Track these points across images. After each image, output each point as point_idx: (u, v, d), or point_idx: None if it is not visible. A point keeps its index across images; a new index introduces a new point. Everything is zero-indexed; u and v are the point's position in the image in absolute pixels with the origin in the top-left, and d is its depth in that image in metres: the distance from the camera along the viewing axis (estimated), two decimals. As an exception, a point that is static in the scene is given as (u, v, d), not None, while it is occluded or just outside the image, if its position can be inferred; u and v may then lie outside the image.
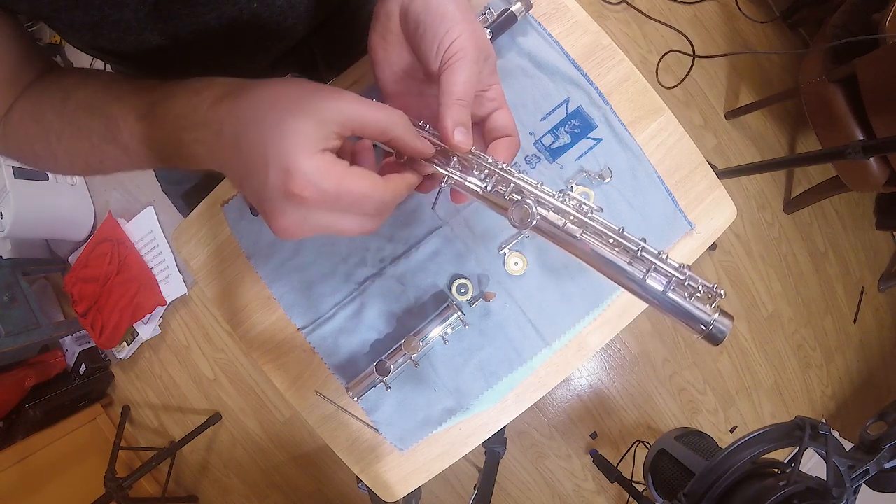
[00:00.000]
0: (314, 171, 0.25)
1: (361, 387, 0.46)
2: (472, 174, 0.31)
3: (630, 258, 0.28)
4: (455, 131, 0.30)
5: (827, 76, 1.07)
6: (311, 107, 0.25)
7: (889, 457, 0.54)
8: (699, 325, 0.26)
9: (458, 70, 0.31)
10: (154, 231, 1.45)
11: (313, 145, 0.25)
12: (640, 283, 0.28)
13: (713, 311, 0.26)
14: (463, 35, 0.31)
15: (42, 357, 1.47)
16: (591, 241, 0.29)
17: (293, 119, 0.25)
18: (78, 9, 0.33)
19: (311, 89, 0.26)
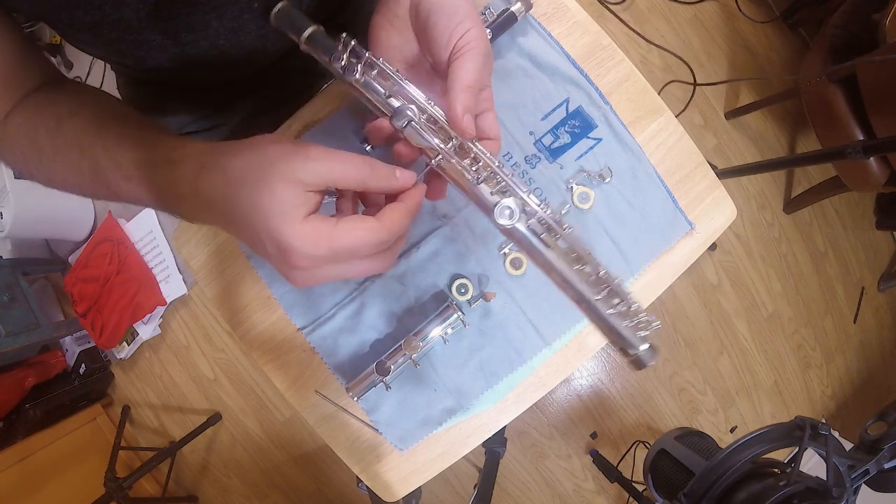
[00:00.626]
0: (303, 242, 0.26)
1: (361, 387, 0.46)
2: (465, 161, 0.31)
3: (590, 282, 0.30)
4: (465, 116, 0.31)
5: (827, 76, 1.07)
6: (285, 174, 0.26)
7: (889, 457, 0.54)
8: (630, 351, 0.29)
9: (470, 59, 0.31)
10: (154, 231, 1.45)
11: (296, 215, 0.26)
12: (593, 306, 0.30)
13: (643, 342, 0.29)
14: (475, 29, 0.32)
15: (42, 357, 1.47)
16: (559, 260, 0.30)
17: (270, 193, 0.26)
18: (78, 8, 0.33)
19: (281, 154, 0.27)
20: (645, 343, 0.28)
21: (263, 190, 0.26)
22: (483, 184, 0.31)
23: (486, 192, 0.31)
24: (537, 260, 0.30)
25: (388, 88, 0.32)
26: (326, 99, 0.51)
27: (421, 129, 0.31)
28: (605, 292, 0.29)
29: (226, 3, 0.38)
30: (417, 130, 0.31)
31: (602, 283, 0.29)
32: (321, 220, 0.27)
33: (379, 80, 0.32)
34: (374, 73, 0.32)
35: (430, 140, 0.31)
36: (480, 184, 0.31)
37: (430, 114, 0.32)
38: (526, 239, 0.30)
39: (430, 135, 0.31)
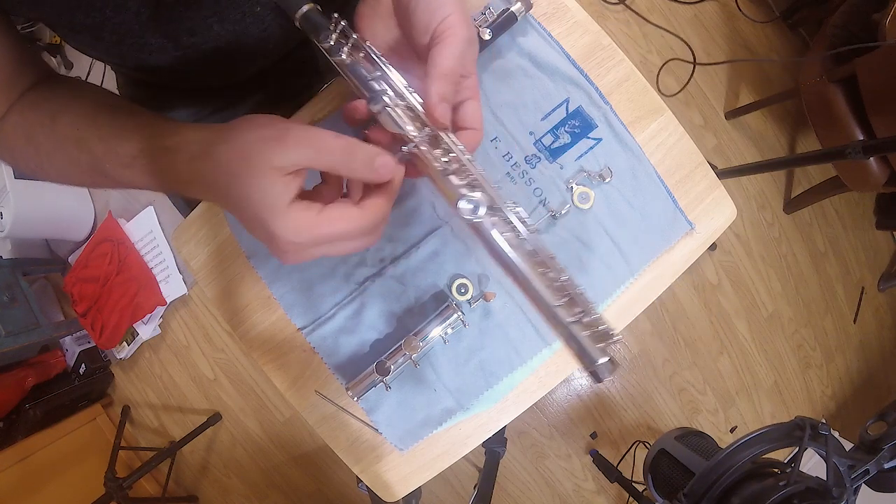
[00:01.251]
0: (289, 230, 0.28)
1: (361, 387, 0.46)
2: (437, 151, 0.31)
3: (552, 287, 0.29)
4: (439, 105, 0.30)
5: (827, 76, 1.07)
6: (263, 164, 0.27)
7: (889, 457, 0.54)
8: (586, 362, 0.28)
9: (448, 45, 0.31)
10: (154, 231, 1.45)
11: (279, 204, 0.28)
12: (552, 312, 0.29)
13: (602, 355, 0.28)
14: (455, 14, 0.32)
15: (42, 357, 1.47)
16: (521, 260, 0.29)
17: (253, 185, 0.28)
18: (78, 11, 0.33)
19: (258, 142, 0.28)
20: (604, 356, 0.27)
21: (247, 181, 0.28)
22: (452, 175, 0.30)
23: (453, 184, 0.30)
24: (499, 259, 0.30)
25: (371, 72, 0.32)
26: (326, 99, 0.51)
27: (395, 114, 0.31)
28: (565, 300, 0.29)
29: (227, 7, 0.38)
30: (391, 116, 0.31)
31: (564, 291, 0.29)
32: (305, 209, 0.28)
33: (364, 63, 0.33)
34: (360, 56, 0.33)
35: (403, 126, 0.31)
36: (449, 175, 0.30)
37: (409, 101, 0.32)
38: (488, 235, 0.30)
39: (404, 121, 0.31)
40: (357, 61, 0.33)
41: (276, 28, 0.44)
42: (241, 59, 0.45)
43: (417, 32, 0.33)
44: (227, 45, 0.42)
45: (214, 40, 0.40)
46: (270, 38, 0.45)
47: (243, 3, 0.39)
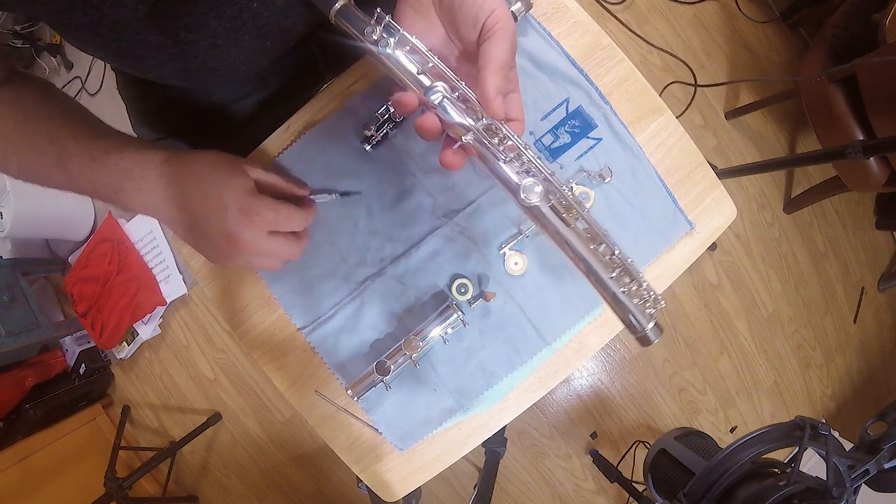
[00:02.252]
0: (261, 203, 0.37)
1: (361, 387, 0.46)
2: (494, 140, 0.32)
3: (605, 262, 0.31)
4: (497, 98, 0.31)
5: (827, 76, 1.07)
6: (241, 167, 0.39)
7: (889, 457, 0.54)
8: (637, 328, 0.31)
9: (500, 39, 0.32)
10: (154, 231, 1.45)
11: (252, 192, 0.37)
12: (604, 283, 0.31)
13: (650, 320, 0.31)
14: (501, 9, 0.32)
15: (42, 357, 1.47)
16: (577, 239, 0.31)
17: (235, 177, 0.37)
18: (76, 8, 0.33)
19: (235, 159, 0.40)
20: (651, 321, 0.30)
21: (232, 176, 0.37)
22: (507, 164, 0.31)
23: (512, 172, 0.31)
24: (557, 239, 0.31)
25: (420, 65, 0.33)
26: (326, 99, 0.51)
27: (453, 106, 0.32)
28: (617, 271, 0.30)
29: (225, 3, 0.38)
30: (450, 107, 0.32)
31: (616, 264, 0.31)
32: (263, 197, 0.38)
33: (411, 56, 0.33)
34: (406, 50, 0.33)
35: (463, 118, 0.32)
36: (507, 163, 0.31)
37: (462, 92, 0.32)
38: (548, 219, 0.31)
39: (461, 113, 0.32)
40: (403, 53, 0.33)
41: (273, 25, 0.44)
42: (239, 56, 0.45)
43: (465, 27, 0.33)
44: (226, 43, 0.42)
45: (212, 37, 0.40)
46: (269, 36, 0.45)
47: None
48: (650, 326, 0.30)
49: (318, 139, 0.50)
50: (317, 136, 0.50)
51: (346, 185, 0.50)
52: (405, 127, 0.49)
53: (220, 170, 0.37)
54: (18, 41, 1.53)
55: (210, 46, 0.41)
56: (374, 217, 0.49)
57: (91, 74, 1.58)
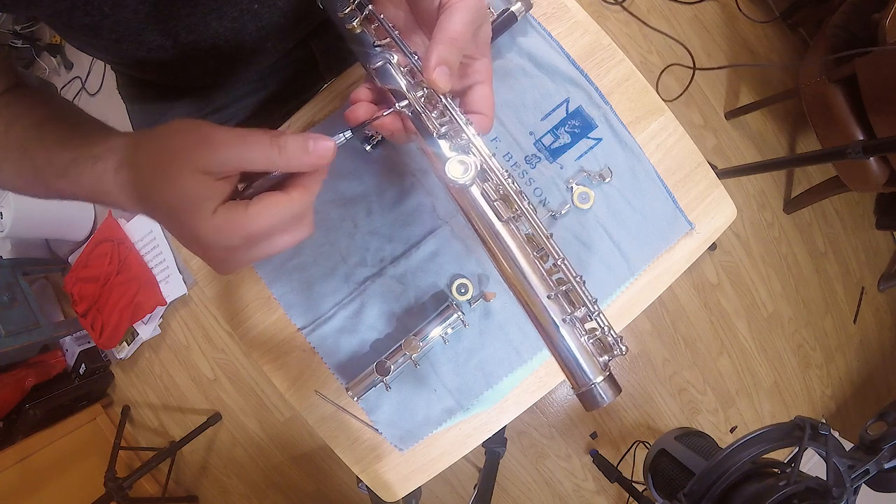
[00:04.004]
0: (215, 233, 0.26)
1: (361, 387, 0.46)
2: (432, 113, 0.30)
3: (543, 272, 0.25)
4: (437, 68, 0.28)
5: (827, 76, 1.07)
6: (189, 167, 0.25)
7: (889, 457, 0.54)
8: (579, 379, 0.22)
9: (457, 11, 0.30)
10: (154, 231, 1.45)
11: (206, 209, 0.25)
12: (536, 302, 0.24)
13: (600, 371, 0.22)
14: None
15: (42, 357, 1.47)
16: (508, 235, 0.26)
17: (177, 189, 0.25)
18: (77, 9, 0.33)
19: (183, 145, 0.26)
20: (601, 374, 0.21)
21: (170, 186, 0.25)
22: (443, 140, 0.29)
23: (444, 146, 0.28)
24: (482, 231, 0.26)
25: (380, 38, 0.32)
26: (326, 99, 0.51)
27: (392, 70, 0.30)
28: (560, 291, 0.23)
29: (225, 4, 0.38)
30: (388, 72, 0.30)
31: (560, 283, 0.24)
32: (231, 210, 0.26)
33: (374, 30, 0.32)
34: (372, 27, 0.32)
35: (399, 82, 0.30)
36: (440, 139, 0.29)
37: (413, 65, 0.31)
38: (476, 203, 0.27)
39: (401, 77, 0.30)
40: (368, 31, 0.32)
41: (273, 26, 0.44)
42: (239, 56, 0.45)
43: (427, 2, 0.31)
44: (226, 43, 0.42)
45: (213, 38, 0.40)
46: (269, 36, 0.45)
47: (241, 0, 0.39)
48: (598, 380, 0.21)
49: (318, 139, 0.50)
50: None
51: (346, 185, 0.50)
52: (405, 127, 0.49)
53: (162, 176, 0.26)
54: (18, 41, 1.53)
55: (211, 48, 0.41)
56: (374, 217, 0.49)
57: (91, 74, 1.58)
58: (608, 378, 0.21)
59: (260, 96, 0.58)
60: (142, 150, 0.28)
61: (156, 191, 0.26)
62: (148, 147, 0.27)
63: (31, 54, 1.59)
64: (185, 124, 0.27)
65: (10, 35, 1.53)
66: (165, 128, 0.27)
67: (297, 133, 0.27)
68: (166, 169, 0.26)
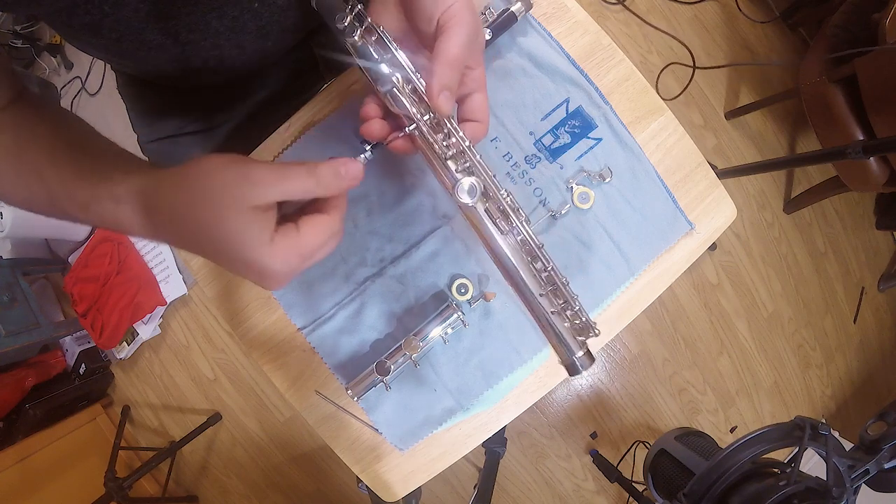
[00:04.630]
0: (278, 262, 0.28)
1: (361, 387, 0.46)
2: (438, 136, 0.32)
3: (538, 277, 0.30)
4: (441, 94, 0.30)
5: (827, 76, 1.07)
6: (238, 205, 0.27)
7: (889, 457, 0.54)
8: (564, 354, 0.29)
9: (454, 34, 0.31)
10: (154, 231, 1.44)
11: (263, 240, 0.27)
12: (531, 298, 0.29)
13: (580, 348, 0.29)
14: (459, 2, 0.32)
15: (42, 357, 1.47)
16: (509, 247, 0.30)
17: (232, 228, 0.27)
18: (78, 8, 0.33)
19: (226, 184, 0.27)
20: (581, 349, 0.28)
21: (224, 226, 0.27)
22: (450, 161, 0.31)
23: (452, 168, 0.31)
24: (488, 245, 0.30)
25: (382, 56, 0.33)
26: (326, 99, 0.51)
27: (400, 95, 0.31)
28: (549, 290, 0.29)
29: (226, 3, 0.38)
30: (397, 97, 0.32)
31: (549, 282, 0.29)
32: (286, 236, 0.29)
33: (376, 47, 0.33)
34: (372, 40, 0.33)
35: (408, 108, 0.32)
36: (448, 160, 0.31)
37: (416, 85, 0.32)
38: (479, 220, 0.30)
39: (410, 103, 0.31)
40: (369, 44, 0.33)
41: (274, 25, 0.44)
42: (239, 56, 0.45)
43: (422, 21, 0.33)
44: (226, 42, 0.42)
45: (213, 36, 0.40)
46: (269, 36, 0.45)
47: None
48: (579, 354, 0.28)
49: (318, 139, 0.50)
50: (317, 136, 0.50)
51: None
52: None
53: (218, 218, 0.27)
54: (18, 41, 1.53)
55: (211, 47, 0.41)
56: (374, 217, 0.50)
57: (91, 74, 1.58)
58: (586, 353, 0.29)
59: (260, 96, 0.58)
60: (174, 192, 0.28)
61: (204, 232, 0.27)
62: (182, 189, 0.28)
63: (31, 54, 1.59)
64: (218, 162, 0.28)
65: (10, 35, 1.53)
66: (196, 168, 0.28)
67: (327, 162, 0.30)
68: (213, 210, 0.27)
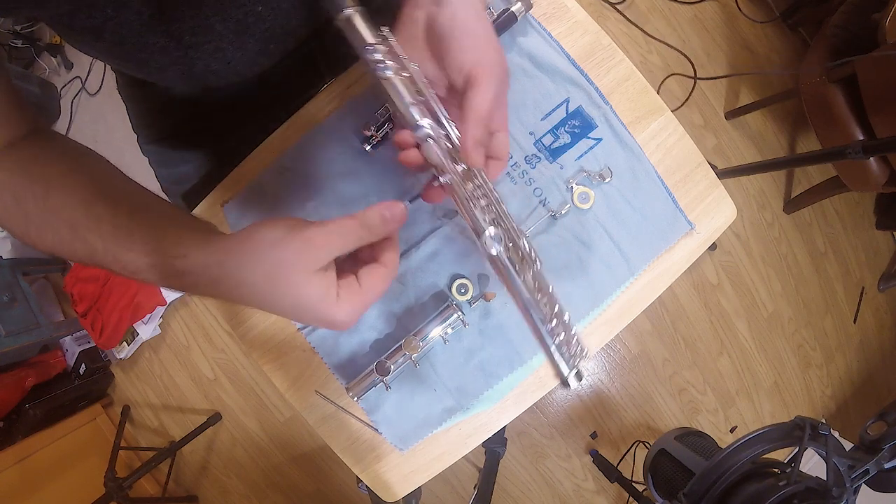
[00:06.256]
0: (346, 315, 0.31)
1: (361, 387, 0.46)
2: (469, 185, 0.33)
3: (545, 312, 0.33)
4: (474, 150, 0.32)
5: (827, 76, 1.07)
6: (306, 270, 0.29)
7: (889, 457, 0.54)
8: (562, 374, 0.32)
9: (483, 89, 0.32)
10: (154, 231, 1.44)
11: (331, 297, 0.30)
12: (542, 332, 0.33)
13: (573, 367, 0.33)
14: (488, 54, 0.33)
15: (42, 357, 1.47)
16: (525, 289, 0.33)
17: (304, 292, 0.29)
18: (79, 11, 0.33)
19: (291, 253, 0.29)
20: (574, 369, 0.32)
21: (298, 292, 0.29)
22: (479, 210, 0.33)
23: (480, 218, 0.33)
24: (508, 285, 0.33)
25: (414, 96, 0.33)
26: (326, 99, 0.51)
27: (437, 147, 0.33)
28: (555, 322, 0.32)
29: (230, 6, 0.38)
30: (434, 148, 0.33)
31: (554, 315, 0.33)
32: (351, 291, 0.31)
33: (408, 84, 0.33)
34: (404, 76, 0.33)
35: (444, 161, 0.33)
36: (477, 209, 0.33)
37: (448, 132, 0.33)
38: (505, 267, 0.33)
39: (443, 155, 0.33)
40: (402, 82, 0.33)
41: (277, 28, 0.44)
42: (241, 58, 0.45)
43: (451, 70, 0.33)
44: (229, 45, 0.42)
45: (216, 39, 0.40)
46: (272, 39, 0.45)
47: (245, 2, 0.39)
48: (572, 373, 0.32)
49: (318, 139, 0.50)
50: (317, 136, 0.50)
51: (346, 185, 0.50)
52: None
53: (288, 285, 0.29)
54: (18, 41, 1.53)
55: (214, 49, 0.41)
56: (374, 217, 0.50)
57: (91, 74, 1.58)
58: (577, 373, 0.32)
59: (260, 96, 0.58)
60: (242, 266, 0.29)
61: (278, 299, 0.29)
62: (251, 263, 0.29)
63: (31, 54, 1.58)
64: (280, 232, 0.29)
65: (10, 35, 1.52)
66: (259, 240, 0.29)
67: (372, 208, 0.31)
68: (286, 280, 0.29)
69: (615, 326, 0.50)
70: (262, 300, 0.30)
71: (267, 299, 0.30)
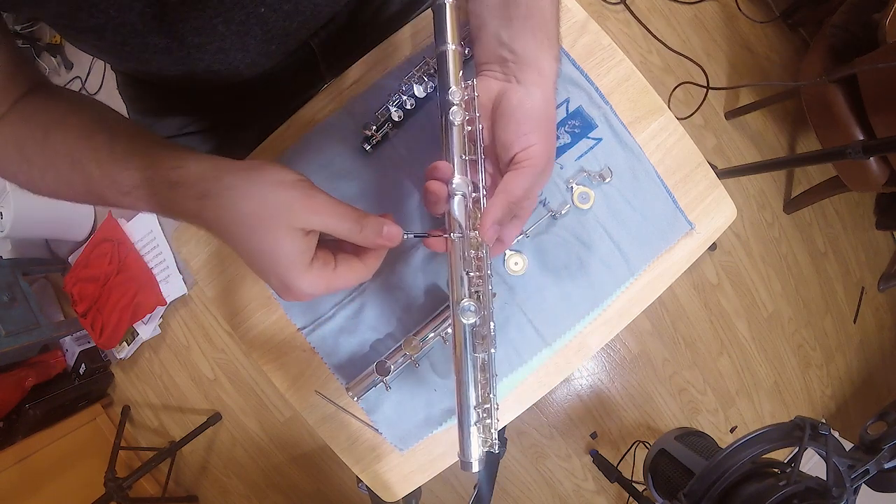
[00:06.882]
0: (307, 286, 0.30)
1: (361, 387, 0.46)
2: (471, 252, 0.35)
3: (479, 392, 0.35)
4: (492, 227, 0.33)
5: (827, 76, 1.07)
6: (290, 223, 0.29)
7: (889, 457, 0.54)
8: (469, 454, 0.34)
9: (523, 176, 0.33)
10: (154, 231, 1.45)
11: (302, 262, 0.30)
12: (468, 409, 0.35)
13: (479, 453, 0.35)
14: (539, 145, 0.34)
15: (42, 357, 1.47)
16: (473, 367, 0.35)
17: (278, 243, 0.29)
18: (81, 11, 0.33)
19: (286, 203, 0.29)
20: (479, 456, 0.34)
21: (272, 238, 0.29)
22: (467, 276, 0.35)
23: (466, 286, 0.35)
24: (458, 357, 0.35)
25: (466, 152, 0.36)
26: (326, 99, 0.51)
27: (464, 205, 0.35)
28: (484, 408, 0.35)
29: (233, 8, 0.38)
30: (461, 205, 0.35)
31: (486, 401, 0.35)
32: (323, 269, 0.31)
33: (465, 138, 0.36)
34: (468, 130, 0.36)
35: (463, 220, 0.35)
36: (466, 275, 0.35)
37: (479, 199, 0.36)
38: (465, 339, 0.34)
39: (463, 215, 0.35)
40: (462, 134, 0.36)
41: (279, 29, 0.44)
42: (243, 59, 0.45)
43: (500, 147, 0.35)
44: (231, 46, 0.42)
45: (219, 40, 0.40)
46: (274, 40, 0.45)
47: (248, 3, 0.39)
48: (476, 458, 0.34)
49: (318, 139, 0.50)
50: (317, 136, 0.50)
51: (346, 185, 0.50)
52: (405, 127, 0.49)
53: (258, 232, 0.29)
54: (18, 41, 1.53)
55: (217, 50, 0.41)
56: (374, 217, 0.50)
57: (91, 74, 1.58)
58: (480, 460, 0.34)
59: (261, 95, 0.58)
60: (236, 191, 0.29)
61: (255, 239, 0.29)
62: (245, 193, 0.29)
63: (31, 54, 1.58)
64: (288, 177, 0.30)
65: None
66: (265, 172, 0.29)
67: (376, 216, 0.32)
68: (269, 222, 0.29)
69: (615, 326, 0.50)
70: (239, 234, 0.29)
71: (244, 235, 0.29)
